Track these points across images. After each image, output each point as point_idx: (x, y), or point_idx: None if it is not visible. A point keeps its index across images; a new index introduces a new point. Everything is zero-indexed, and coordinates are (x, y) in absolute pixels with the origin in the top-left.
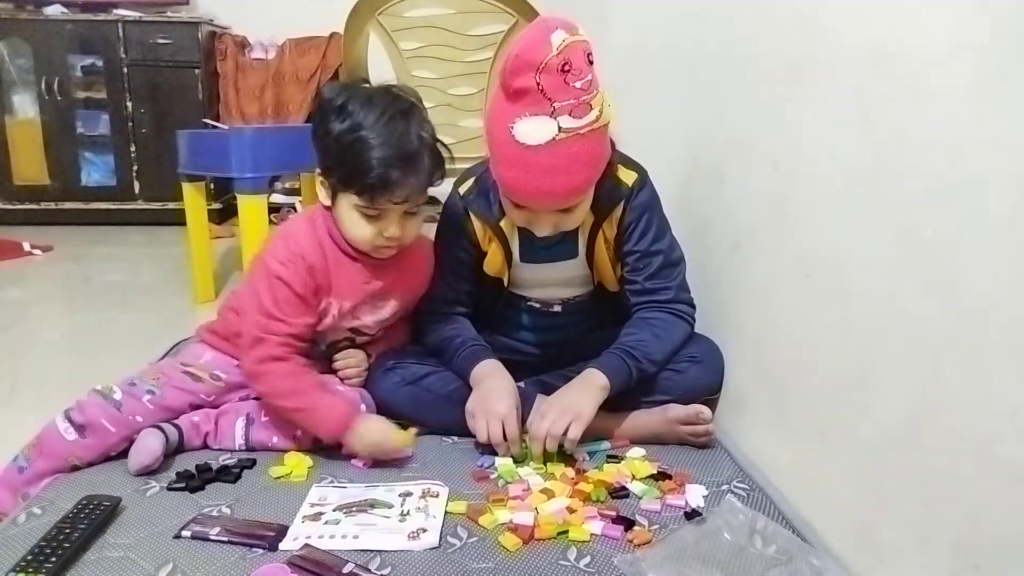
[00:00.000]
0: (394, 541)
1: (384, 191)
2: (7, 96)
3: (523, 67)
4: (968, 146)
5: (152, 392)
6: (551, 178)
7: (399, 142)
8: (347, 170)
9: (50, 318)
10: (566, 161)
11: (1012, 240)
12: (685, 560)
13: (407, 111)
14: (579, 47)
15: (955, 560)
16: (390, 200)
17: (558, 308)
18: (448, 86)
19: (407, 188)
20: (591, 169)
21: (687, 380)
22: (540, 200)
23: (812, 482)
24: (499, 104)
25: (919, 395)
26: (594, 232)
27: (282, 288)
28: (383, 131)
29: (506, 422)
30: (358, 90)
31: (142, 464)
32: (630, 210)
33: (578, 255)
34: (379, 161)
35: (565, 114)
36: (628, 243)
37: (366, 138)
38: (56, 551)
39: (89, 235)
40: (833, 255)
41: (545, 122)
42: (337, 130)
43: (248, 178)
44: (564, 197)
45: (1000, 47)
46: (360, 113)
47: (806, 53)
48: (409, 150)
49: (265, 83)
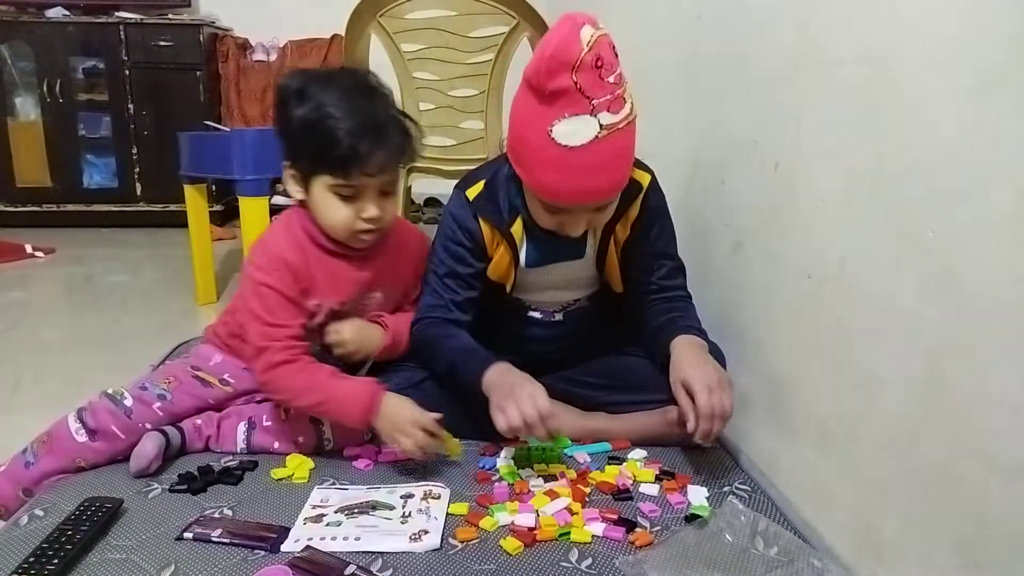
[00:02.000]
0: (396, 543)
1: (356, 162)
2: (9, 98)
3: (559, 67)
4: (968, 146)
5: (164, 397)
6: (595, 176)
7: (365, 114)
8: (316, 149)
9: (52, 320)
10: (608, 157)
11: (1012, 240)
12: (687, 561)
13: (368, 88)
14: (605, 40)
15: (956, 561)
16: (364, 172)
17: (559, 316)
18: (449, 88)
19: (379, 159)
20: (630, 163)
21: None
22: (583, 199)
23: (813, 483)
24: (531, 108)
25: (920, 395)
26: (607, 233)
27: (270, 294)
28: (347, 106)
29: (537, 399)
30: (315, 73)
31: (139, 467)
32: (647, 211)
33: (584, 255)
34: (347, 133)
35: (604, 110)
36: (643, 244)
37: (332, 114)
38: (58, 553)
39: (91, 237)
40: (834, 255)
41: (586, 121)
42: (300, 114)
43: (249, 180)
44: (607, 194)
45: (1000, 48)
46: (321, 93)
47: (806, 54)
48: (376, 122)
49: (266, 85)
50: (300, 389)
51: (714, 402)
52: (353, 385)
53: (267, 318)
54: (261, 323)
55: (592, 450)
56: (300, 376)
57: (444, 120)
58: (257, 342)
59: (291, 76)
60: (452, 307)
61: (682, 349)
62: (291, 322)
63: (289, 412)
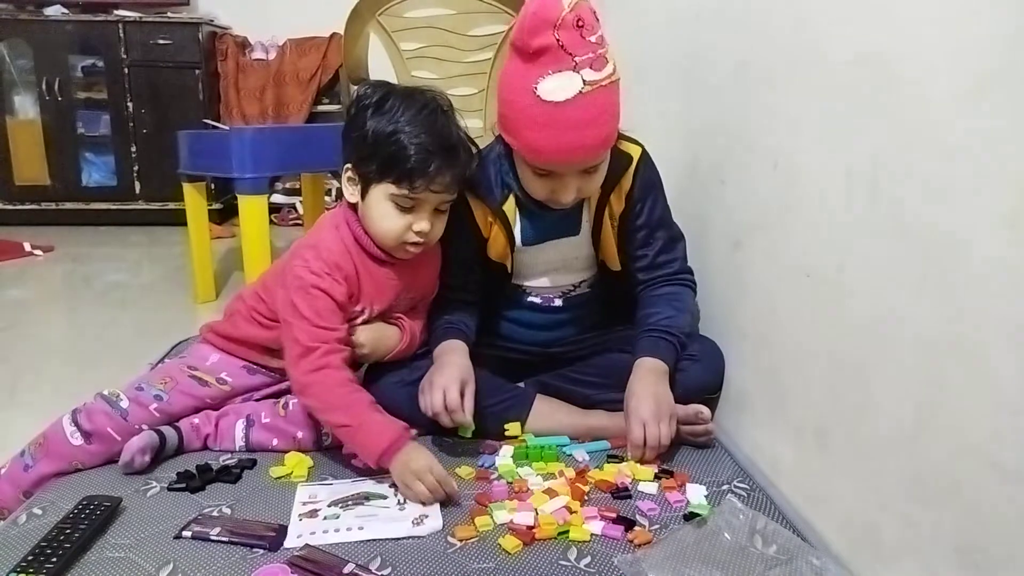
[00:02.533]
0: (399, 528)
1: (424, 176)
2: (8, 97)
3: (540, 25)
4: (966, 147)
5: (160, 398)
6: (580, 131)
7: (440, 133)
8: (386, 158)
9: (51, 318)
10: (594, 113)
11: (1011, 241)
12: (685, 560)
13: (445, 109)
14: (585, 5)
15: (955, 560)
16: (428, 188)
17: (559, 302)
18: (448, 87)
19: (446, 177)
20: (615, 120)
21: (687, 379)
22: (572, 156)
23: (812, 482)
24: (517, 68)
25: (919, 395)
26: (601, 206)
27: (322, 298)
28: (425, 122)
29: (447, 391)
30: (397, 88)
31: (124, 461)
32: (638, 185)
33: (581, 231)
34: (420, 147)
35: (587, 67)
36: (639, 218)
37: (408, 128)
38: (57, 551)
39: (90, 235)
40: (833, 255)
41: (570, 77)
42: (377, 122)
43: (248, 178)
44: (594, 150)
45: (999, 49)
46: (401, 107)
47: (805, 54)
48: (450, 141)
49: (265, 83)
50: (335, 405)
51: (648, 434)
52: (383, 422)
53: (317, 321)
54: (310, 324)
55: (591, 448)
56: (340, 391)
57: None
58: (306, 342)
59: (374, 86)
60: (457, 286)
61: (636, 375)
62: (339, 326)
63: (288, 408)
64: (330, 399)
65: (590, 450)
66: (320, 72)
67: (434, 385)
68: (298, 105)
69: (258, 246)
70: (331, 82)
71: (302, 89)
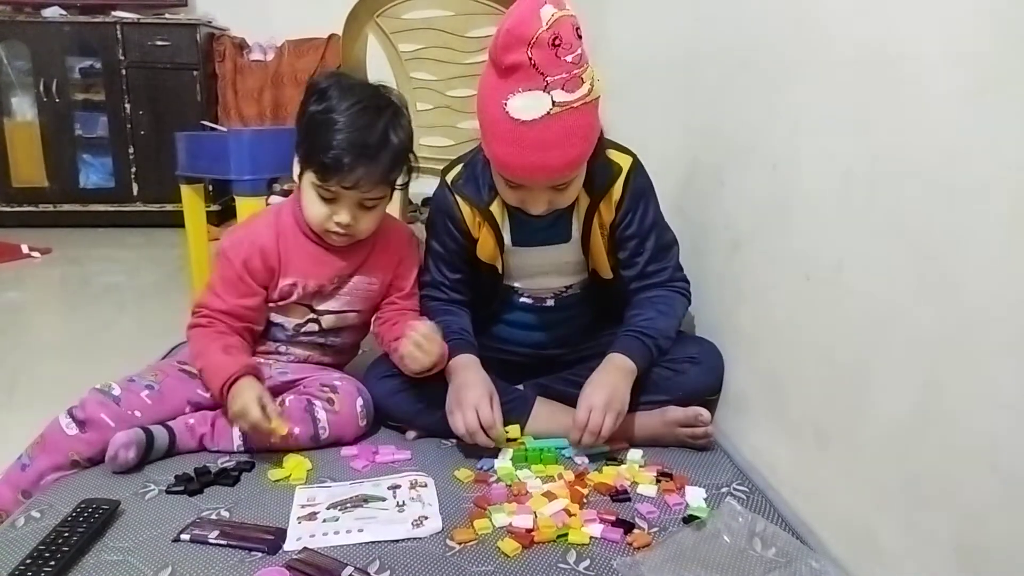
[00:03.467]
0: (399, 531)
1: (334, 173)
2: (5, 98)
3: (514, 42)
4: (966, 148)
5: (151, 387)
6: (546, 152)
7: (361, 131)
8: (309, 147)
9: (48, 320)
10: (560, 135)
11: (1010, 241)
12: (684, 563)
13: (382, 107)
14: (568, 21)
15: (954, 563)
16: (340, 184)
17: (551, 302)
18: (447, 88)
19: (357, 176)
20: (585, 143)
21: (687, 380)
22: (535, 176)
23: (811, 484)
24: (491, 81)
25: (918, 397)
26: (590, 215)
27: (226, 265)
28: (350, 118)
29: (480, 409)
30: (344, 79)
31: (109, 456)
32: (628, 195)
33: (571, 238)
34: (337, 143)
35: (558, 88)
36: (628, 228)
37: (333, 120)
38: (55, 555)
39: (87, 237)
40: (832, 256)
41: (539, 97)
42: (312, 110)
43: (246, 180)
44: (559, 171)
45: (999, 49)
46: (336, 98)
47: (805, 55)
48: (369, 141)
49: (263, 85)
50: (194, 353)
51: (592, 420)
52: (224, 361)
53: (215, 286)
54: (208, 288)
55: (589, 451)
56: (198, 342)
57: (441, 120)
58: (198, 300)
59: (324, 75)
60: (448, 287)
61: (602, 367)
62: (228, 298)
63: (284, 405)
64: (192, 350)
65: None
66: (318, 73)
67: (464, 404)
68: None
69: None
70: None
71: (300, 90)
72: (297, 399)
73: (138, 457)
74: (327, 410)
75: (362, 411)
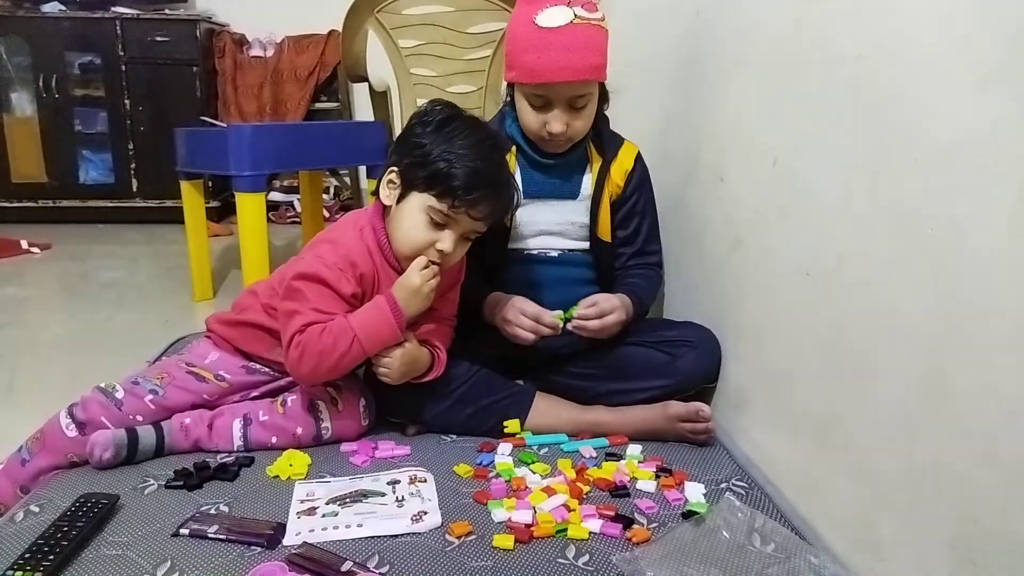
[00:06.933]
0: (398, 525)
1: (467, 198)
2: (5, 94)
3: None
4: (966, 144)
5: (155, 392)
6: (570, 54)
7: (494, 167)
8: (437, 171)
9: (48, 316)
10: (583, 40)
11: (1011, 238)
12: (683, 558)
13: (503, 149)
14: None
15: (953, 558)
16: (467, 211)
17: (555, 254)
18: (447, 84)
19: (486, 207)
20: (602, 56)
21: (684, 365)
22: (562, 75)
23: (811, 480)
24: (521, 11)
25: (918, 393)
26: (602, 176)
27: (326, 291)
28: (483, 153)
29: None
30: (464, 114)
31: (87, 453)
32: (638, 173)
33: (580, 195)
34: (473, 171)
35: (579, 5)
36: (636, 205)
37: (465, 152)
38: (54, 549)
39: (87, 233)
40: (832, 253)
41: (563, 10)
42: (437, 136)
43: (246, 176)
44: (581, 72)
45: (999, 45)
46: (465, 131)
47: (805, 50)
48: (500, 178)
49: (263, 81)
50: (331, 343)
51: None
52: (368, 308)
53: (320, 306)
54: (310, 307)
55: (589, 446)
56: (325, 333)
57: None
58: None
59: (443, 104)
60: None
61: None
62: (337, 312)
63: (286, 406)
64: (325, 342)
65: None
66: (318, 69)
67: (510, 311)
68: (296, 102)
69: (256, 244)
70: (329, 79)
71: (300, 86)
72: (300, 398)
73: (116, 458)
74: (330, 410)
75: (364, 411)
